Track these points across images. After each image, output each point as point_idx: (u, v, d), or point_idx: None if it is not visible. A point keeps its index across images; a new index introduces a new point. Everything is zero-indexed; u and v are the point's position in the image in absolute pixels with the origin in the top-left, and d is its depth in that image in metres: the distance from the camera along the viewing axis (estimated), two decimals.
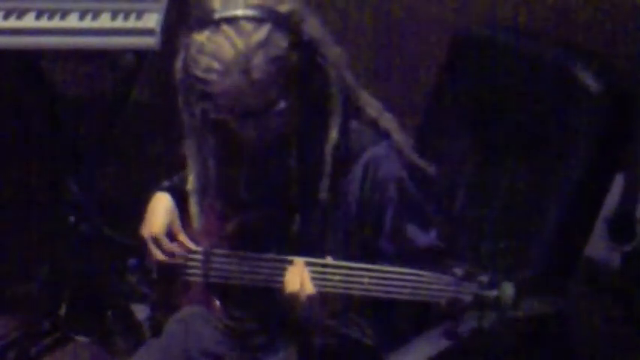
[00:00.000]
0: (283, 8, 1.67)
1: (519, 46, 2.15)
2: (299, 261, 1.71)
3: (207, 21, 1.65)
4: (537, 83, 2.07)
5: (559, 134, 2.00)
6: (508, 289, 1.54)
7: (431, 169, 1.82)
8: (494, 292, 1.55)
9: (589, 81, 1.96)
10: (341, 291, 1.66)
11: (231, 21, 1.64)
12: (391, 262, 1.67)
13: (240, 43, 1.63)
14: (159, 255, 1.91)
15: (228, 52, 1.63)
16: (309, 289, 1.68)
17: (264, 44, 1.63)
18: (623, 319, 2.01)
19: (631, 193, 1.97)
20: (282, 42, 1.65)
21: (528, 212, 2.02)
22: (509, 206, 2.07)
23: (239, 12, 1.65)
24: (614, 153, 1.99)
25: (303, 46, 1.68)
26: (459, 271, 1.57)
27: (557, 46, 2.12)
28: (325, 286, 1.67)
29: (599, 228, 2.00)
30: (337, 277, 1.66)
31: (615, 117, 1.97)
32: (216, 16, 1.65)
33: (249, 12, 1.65)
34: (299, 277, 1.69)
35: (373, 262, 1.67)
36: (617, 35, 2.40)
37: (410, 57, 2.67)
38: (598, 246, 2.01)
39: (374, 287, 1.63)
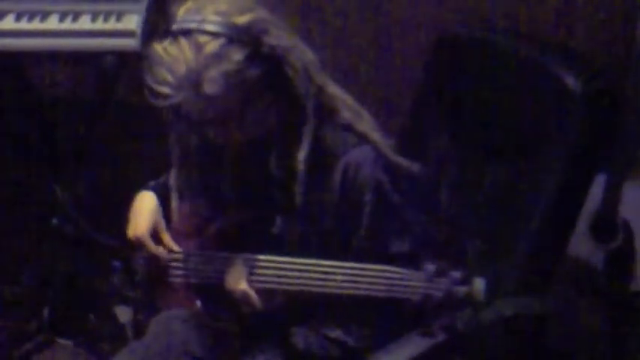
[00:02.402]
0: (242, 20, 1.66)
1: (508, 48, 2.16)
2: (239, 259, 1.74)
3: (167, 31, 1.65)
4: (526, 85, 2.07)
5: (543, 134, 2.00)
6: (479, 285, 1.55)
7: (414, 167, 1.81)
8: (465, 288, 1.55)
9: (572, 82, 1.96)
10: (316, 289, 1.66)
11: (187, 33, 1.63)
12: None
13: (192, 58, 1.62)
14: (141, 258, 1.91)
15: (181, 66, 1.62)
16: (243, 285, 1.72)
17: (217, 59, 1.62)
18: (613, 318, 2.01)
19: (613, 192, 1.97)
20: (237, 56, 1.63)
21: (514, 212, 2.02)
22: (492, 206, 2.07)
23: (194, 25, 1.63)
24: (597, 152, 1.99)
25: (264, 58, 1.66)
26: (431, 267, 1.58)
27: (546, 49, 2.12)
28: (300, 284, 1.67)
29: (582, 227, 2.00)
30: (312, 275, 1.66)
31: (598, 117, 1.97)
32: (174, 27, 1.64)
33: (204, 26, 1.63)
34: (238, 273, 1.71)
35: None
36: (613, 34, 2.40)
37: (410, 57, 2.67)
38: (581, 245, 2.01)
39: (347, 284, 1.63)
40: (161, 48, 1.64)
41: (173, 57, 1.62)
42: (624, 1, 2.35)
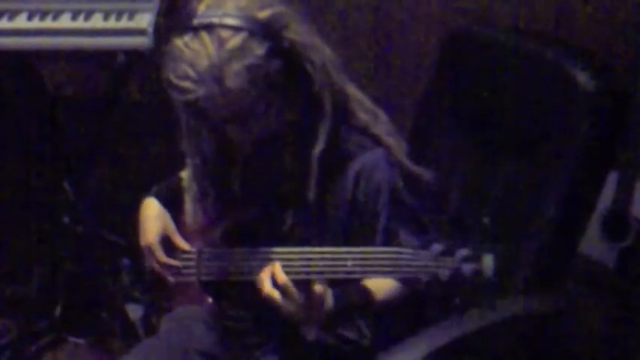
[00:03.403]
0: (263, 14, 1.66)
1: (515, 45, 2.16)
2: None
3: (188, 26, 1.65)
4: (533, 82, 2.07)
5: (554, 133, 2.00)
6: (488, 262, 1.55)
7: (426, 175, 1.81)
8: (474, 265, 1.55)
9: (584, 80, 1.96)
10: (327, 276, 1.66)
11: (209, 28, 1.64)
12: None
13: (215, 52, 1.62)
14: (154, 264, 1.92)
15: (203, 60, 1.62)
16: (282, 278, 1.66)
17: (238, 53, 1.62)
18: (621, 318, 2.00)
19: (625, 190, 1.97)
20: (258, 50, 1.64)
21: (524, 210, 2.01)
22: (504, 205, 2.07)
23: (215, 19, 1.64)
24: (609, 151, 1.98)
25: (284, 52, 1.67)
26: (438, 246, 1.58)
27: (553, 45, 2.12)
28: (311, 273, 1.67)
29: (594, 225, 2.00)
30: (322, 263, 1.66)
31: (610, 115, 1.97)
32: (195, 22, 1.65)
33: (226, 20, 1.64)
34: (268, 275, 1.68)
35: None
36: (613, 34, 2.40)
37: (410, 57, 2.67)
38: (593, 243, 2.00)
39: (358, 269, 1.63)
40: (182, 43, 1.64)
41: (195, 52, 1.63)
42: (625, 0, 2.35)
